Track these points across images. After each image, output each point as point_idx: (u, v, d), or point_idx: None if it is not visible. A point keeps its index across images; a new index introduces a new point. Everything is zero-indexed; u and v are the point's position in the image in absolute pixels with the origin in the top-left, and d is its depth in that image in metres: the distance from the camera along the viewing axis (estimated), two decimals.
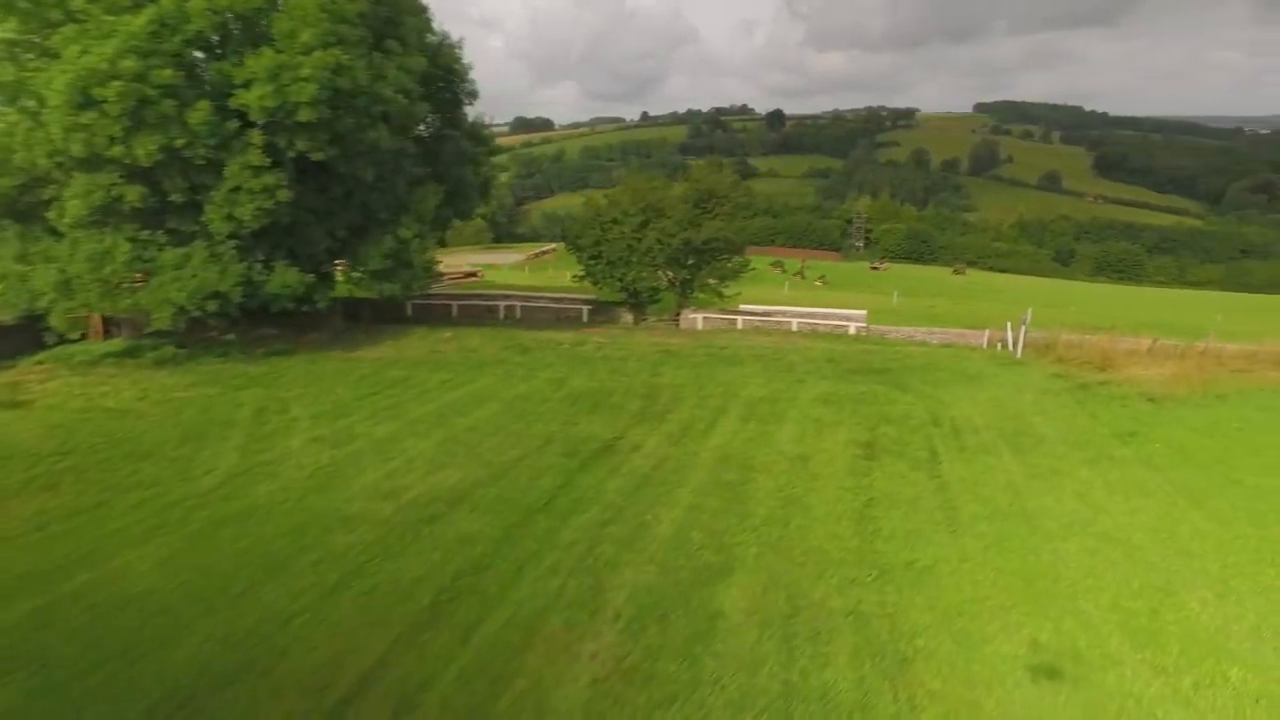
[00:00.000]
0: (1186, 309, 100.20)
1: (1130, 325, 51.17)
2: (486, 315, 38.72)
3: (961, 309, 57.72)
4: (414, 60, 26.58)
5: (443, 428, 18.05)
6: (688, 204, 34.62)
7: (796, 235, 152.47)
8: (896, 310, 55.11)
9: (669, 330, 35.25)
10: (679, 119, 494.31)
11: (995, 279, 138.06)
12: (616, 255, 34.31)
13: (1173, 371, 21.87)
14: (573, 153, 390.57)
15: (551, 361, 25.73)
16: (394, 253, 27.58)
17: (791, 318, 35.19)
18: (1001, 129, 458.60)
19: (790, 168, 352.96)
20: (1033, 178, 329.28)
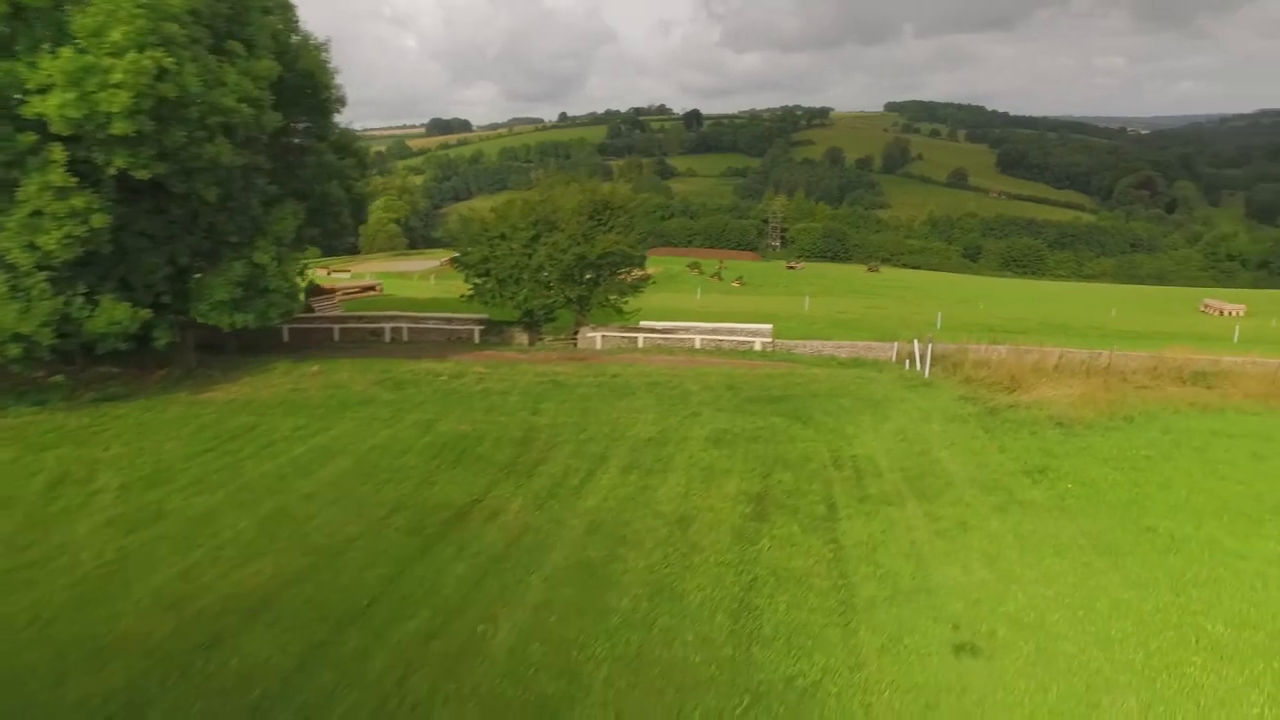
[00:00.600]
0: (1085, 303, 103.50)
1: (1035, 324, 51.62)
2: (371, 339, 35.77)
3: (873, 313, 57.27)
4: (263, 65, 23.61)
5: (275, 496, 15.45)
6: (582, 216, 32.49)
7: (714, 236, 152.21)
8: (808, 315, 54.26)
9: (565, 351, 33.07)
10: (598, 119, 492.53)
11: (908, 275, 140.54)
12: (505, 273, 31.95)
13: (1079, 392, 20.89)
14: (491, 154, 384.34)
15: (423, 399, 23.22)
16: (247, 280, 24.57)
17: (695, 334, 33.46)
18: (912, 127, 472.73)
19: (708, 166, 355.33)
20: (942, 175, 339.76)
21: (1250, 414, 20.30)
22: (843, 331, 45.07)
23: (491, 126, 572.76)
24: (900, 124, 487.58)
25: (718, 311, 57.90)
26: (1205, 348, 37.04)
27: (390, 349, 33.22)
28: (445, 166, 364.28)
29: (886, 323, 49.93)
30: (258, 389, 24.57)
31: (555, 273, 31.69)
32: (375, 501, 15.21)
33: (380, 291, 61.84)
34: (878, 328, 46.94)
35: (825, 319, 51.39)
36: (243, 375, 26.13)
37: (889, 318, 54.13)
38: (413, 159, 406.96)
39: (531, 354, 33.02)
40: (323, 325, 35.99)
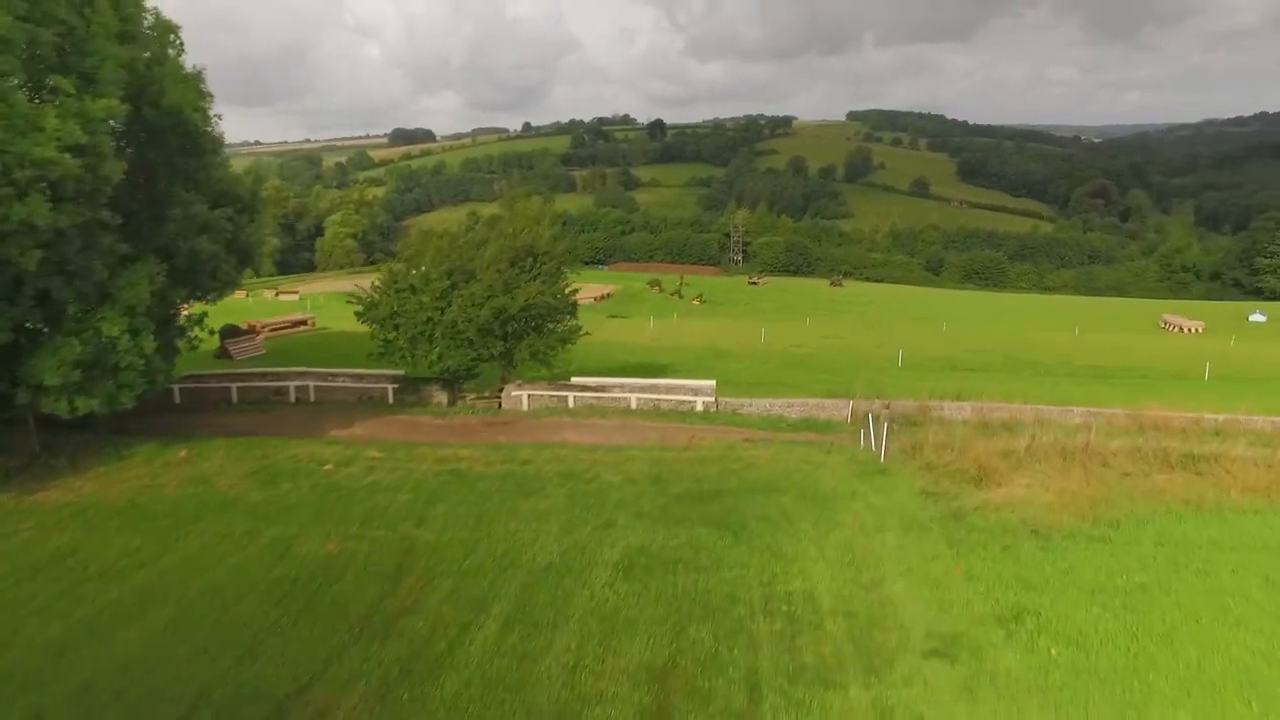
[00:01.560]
0: (1047, 318, 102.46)
1: (1000, 357, 49.29)
2: (274, 399, 32.05)
3: (831, 345, 54.59)
4: (101, 105, 19.97)
5: (32, 692, 11.84)
6: (502, 264, 29.15)
7: (675, 251, 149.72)
8: (764, 349, 51.39)
9: (486, 415, 29.71)
10: (562, 129, 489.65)
11: (870, 290, 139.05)
12: (416, 330, 28.48)
13: (1057, 490, 17.99)
14: (454, 165, 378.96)
15: (296, 501, 19.67)
16: (91, 358, 20.87)
17: (631, 392, 30.24)
18: (873, 136, 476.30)
19: (673, 177, 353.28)
20: (904, 183, 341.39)
21: (1251, 513, 17.56)
22: (798, 372, 42.36)
23: (455, 136, 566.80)
24: (862, 133, 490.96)
25: (669, 345, 54.91)
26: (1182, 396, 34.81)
27: (287, 416, 29.55)
28: (407, 178, 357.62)
29: (845, 360, 47.28)
30: (105, 486, 20.83)
31: (472, 329, 28.26)
32: (172, 694, 11.72)
33: (312, 326, 57.86)
34: (835, 366, 44.29)
35: (781, 355, 48.56)
36: (94, 465, 22.36)
37: (849, 350, 51.49)
38: (374, 170, 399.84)
39: (449, 419, 29.62)
40: (220, 384, 32.18)
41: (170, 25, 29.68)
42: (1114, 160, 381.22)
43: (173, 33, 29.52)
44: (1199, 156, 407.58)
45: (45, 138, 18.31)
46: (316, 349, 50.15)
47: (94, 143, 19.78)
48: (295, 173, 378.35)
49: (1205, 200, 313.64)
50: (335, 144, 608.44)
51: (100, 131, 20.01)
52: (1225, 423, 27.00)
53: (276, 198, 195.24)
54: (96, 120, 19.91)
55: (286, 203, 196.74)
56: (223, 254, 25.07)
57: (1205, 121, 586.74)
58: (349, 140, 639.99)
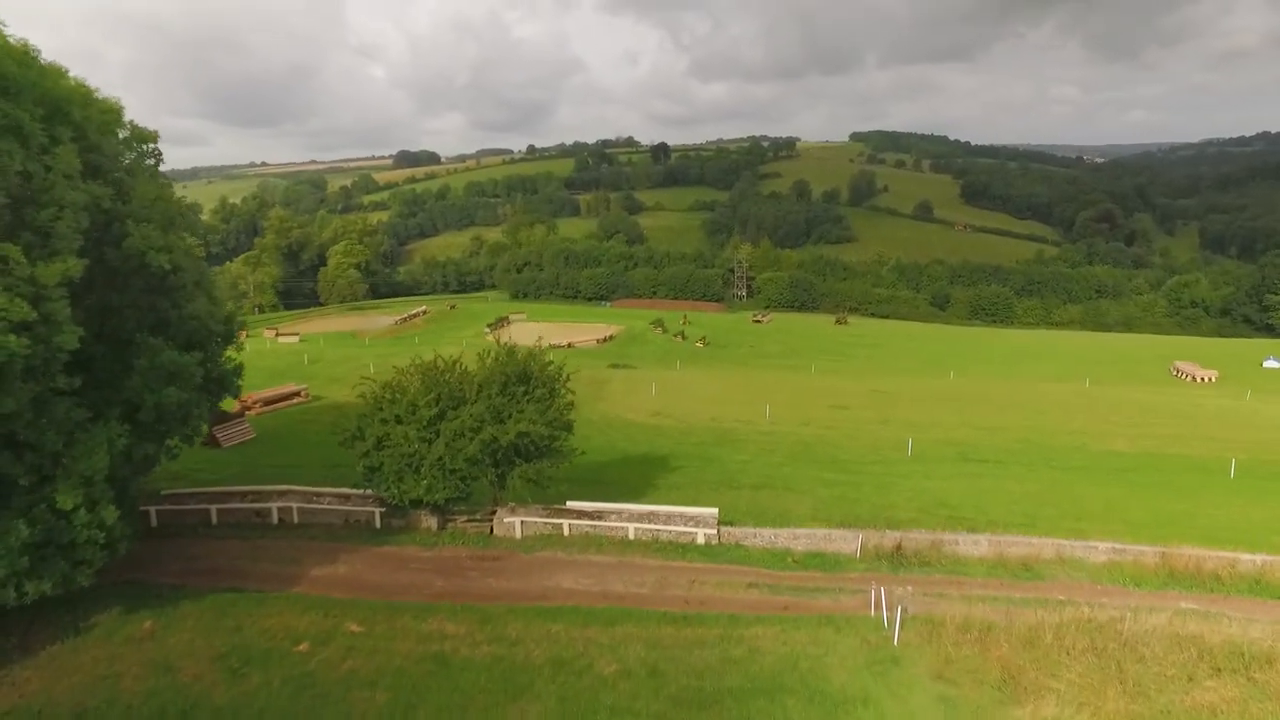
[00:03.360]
0: (1057, 363, 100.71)
1: (1015, 442, 47.40)
2: (255, 520, 30.51)
3: (843, 422, 52.81)
4: (54, 269, 18.54)
5: None
6: (492, 389, 27.68)
7: (679, 286, 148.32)
8: (770, 429, 49.72)
9: (475, 549, 28.07)
10: (566, 152, 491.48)
11: (876, 327, 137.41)
12: (402, 463, 26.94)
13: (1092, 711, 16.28)
14: (458, 188, 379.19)
15: (264, 704, 18.04)
16: (43, 537, 19.36)
17: (628, 521, 28.61)
18: (876, 158, 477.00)
19: (676, 200, 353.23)
20: (908, 206, 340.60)
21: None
22: (804, 466, 40.74)
23: (460, 158, 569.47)
24: (865, 154, 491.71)
25: (672, 418, 53.27)
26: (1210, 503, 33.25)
27: (267, 549, 28.02)
28: (411, 202, 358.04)
29: (852, 446, 45.63)
30: (55, 678, 19.21)
31: (460, 460, 26.74)
32: None
33: (306, 397, 56.37)
34: (842, 458, 42.64)
35: (787, 439, 46.87)
36: (47, 643, 20.72)
37: (857, 431, 49.76)
38: (379, 193, 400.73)
39: (437, 550, 28.08)
40: (198, 505, 30.67)
41: (146, 134, 28.48)
42: (1118, 181, 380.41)
43: (149, 141, 28.36)
44: (1202, 177, 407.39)
45: None
46: (308, 429, 48.70)
47: (47, 311, 18.39)
48: (300, 196, 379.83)
49: (1210, 223, 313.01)
50: (341, 165, 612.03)
51: (54, 298, 18.59)
52: (1263, 566, 25.37)
53: (280, 228, 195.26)
54: (50, 287, 18.51)
55: (290, 233, 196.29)
56: (195, 399, 23.60)
57: (1207, 141, 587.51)
58: (354, 161, 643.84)
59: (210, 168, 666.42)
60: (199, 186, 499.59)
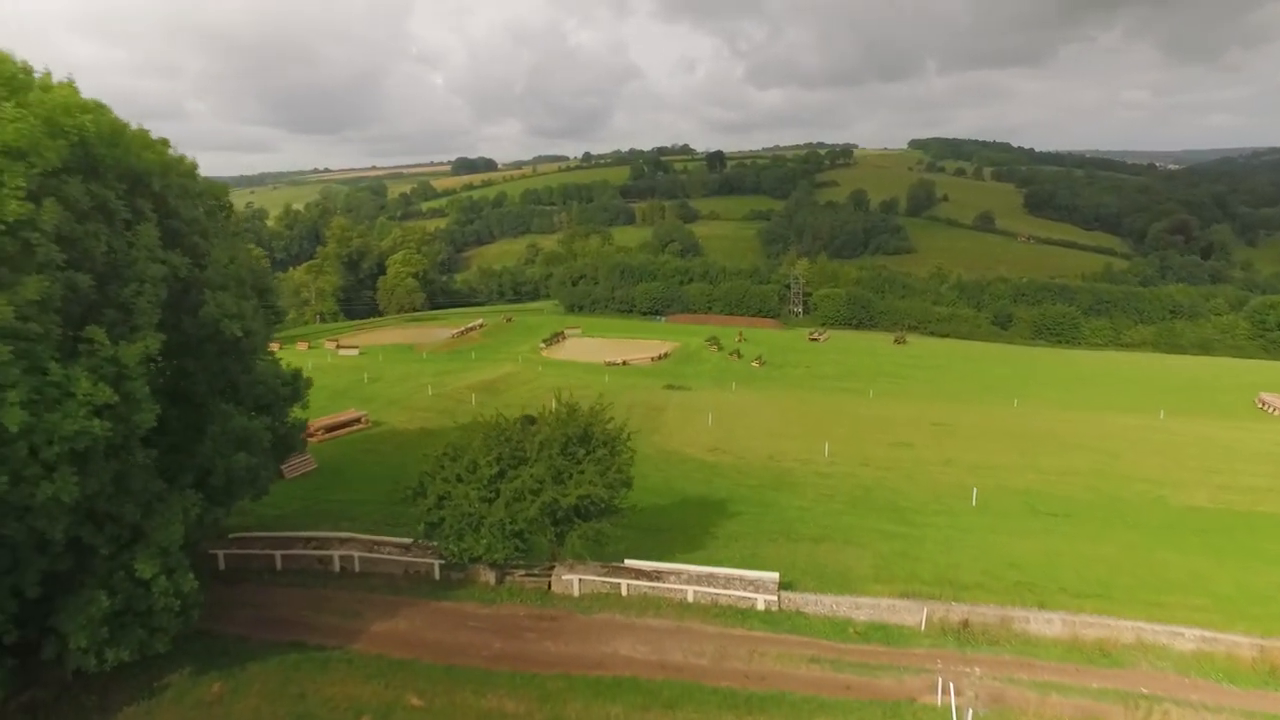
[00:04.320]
0: (1128, 392, 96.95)
1: (1083, 488, 45.56)
2: (318, 567, 31.01)
3: (902, 461, 51.54)
4: (136, 348, 19.07)
5: None
6: (553, 449, 27.61)
7: (734, 302, 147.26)
8: (827, 469, 48.80)
9: (533, 608, 28.05)
10: (621, 159, 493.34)
11: (935, 347, 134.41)
12: (461, 524, 27.05)
13: None
14: (514, 196, 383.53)
15: None
16: (122, 605, 19.92)
17: (687, 584, 28.23)
18: (936, 166, 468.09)
19: (731, 209, 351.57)
20: (968, 217, 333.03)
21: None
22: (864, 515, 39.84)
23: (516, 164, 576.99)
24: (925, 162, 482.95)
25: (729, 454, 52.69)
26: None
27: (329, 599, 28.48)
28: (469, 210, 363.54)
29: (913, 490, 44.46)
30: None
31: (521, 521, 26.75)
32: None
33: (366, 424, 57.32)
34: (903, 505, 41.56)
35: (846, 482, 45.92)
36: (124, 703, 21.34)
37: (918, 473, 48.45)
38: (437, 200, 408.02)
39: (496, 608, 28.20)
40: (263, 550, 31.31)
41: (218, 188, 29.26)
42: (1194, 189, 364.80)
43: (221, 196, 29.15)
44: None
45: (75, 405, 17.42)
46: (368, 460, 49.50)
47: (127, 390, 18.89)
48: (361, 202, 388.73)
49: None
50: (400, 171, 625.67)
51: (134, 376, 19.08)
52: None
53: (341, 237, 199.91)
54: (131, 366, 19.01)
55: (350, 242, 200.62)
56: (263, 462, 24.08)
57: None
58: (413, 167, 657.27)
59: (277, 173, 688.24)
60: (266, 192, 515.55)
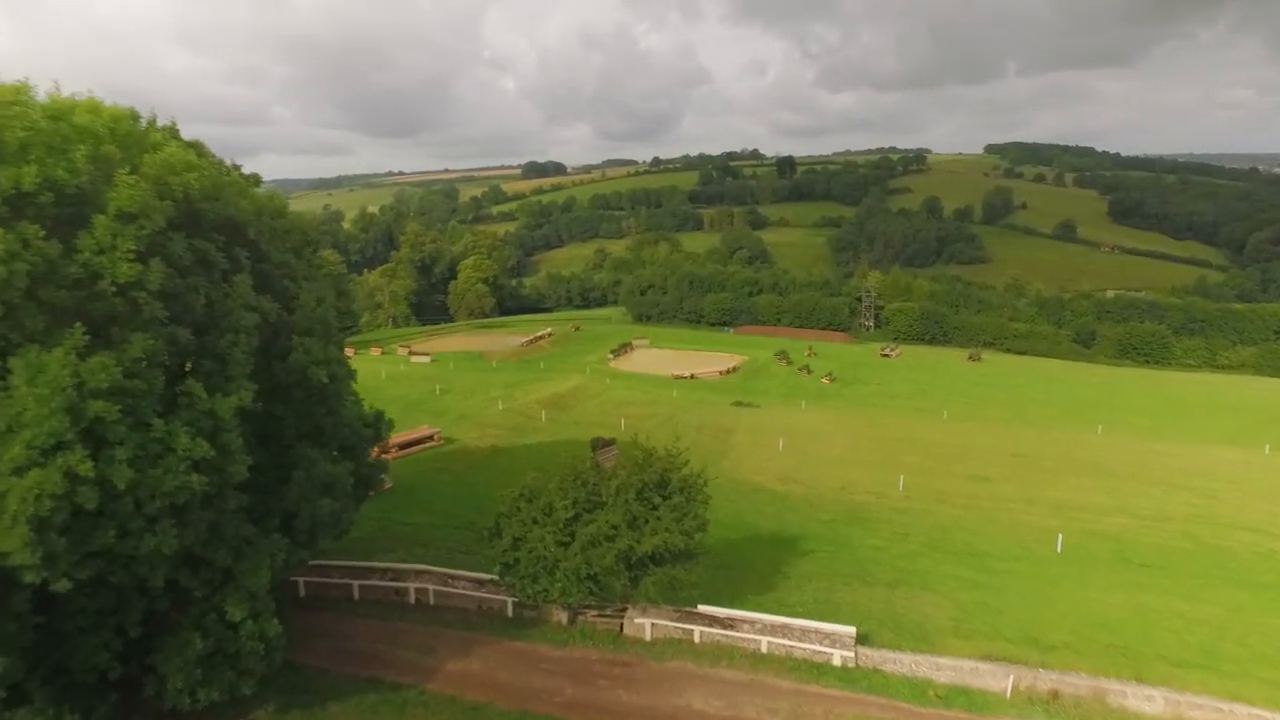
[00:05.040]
0: (1224, 418, 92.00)
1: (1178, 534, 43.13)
2: (394, 598, 31.56)
3: (980, 497, 49.79)
4: (230, 401, 19.61)
5: None
6: (628, 494, 27.43)
7: (804, 314, 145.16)
8: (902, 504, 47.44)
9: (605, 653, 27.91)
10: (690, 164, 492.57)
11: (1013, 365, 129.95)
12: (537, 567, 27.09)
13: None
14: (583, 200, 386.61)
15: None
16: (214, 647, 20.51)
17: (761, 634, 27.71)
18: (1014, 172, 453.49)
19: (801, 216, 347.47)
20: (1048, 225, 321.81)
21: None
22: (941, 559, 38.59)
23: (585, 168, 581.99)
24: (1001, 167, 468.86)
25: (800, 483, 51.78)
26: None
27: (405, 633, 28.95)
28: (538, 214, 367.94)
29: (993, 532, 42.84)
30: None
31: (597, 567, 26.64)
32: None
33: (439, 441, 58.24)
34: (982, 549, 40.11)
35: (921, 519, 44.58)
36: None
37: (997, 511, 46.65)
38: (507, 204, 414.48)
39: (568, 649, 28.22)
40: (341, 580, 32.00)
41: (306, 223, 30.02)
42: None
43: (309, 232, 29.90)
44: None
45: (176, 460, 17.96)
46: (441, 480, 50.26)
47: (222, 443, 19.41)
48: (433, 205, 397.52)
49: None
50: (471, 174, 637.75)
51: (229, 429, 19.61)
52: None
53: (415, 242, 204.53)
54: (226, 419, 19.53)
55: (424, 247, 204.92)
56: (346, 505, 24.55)
57: None
58: (484, 170, 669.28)
59: (353, 176, 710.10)
60: (342, 194, 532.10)
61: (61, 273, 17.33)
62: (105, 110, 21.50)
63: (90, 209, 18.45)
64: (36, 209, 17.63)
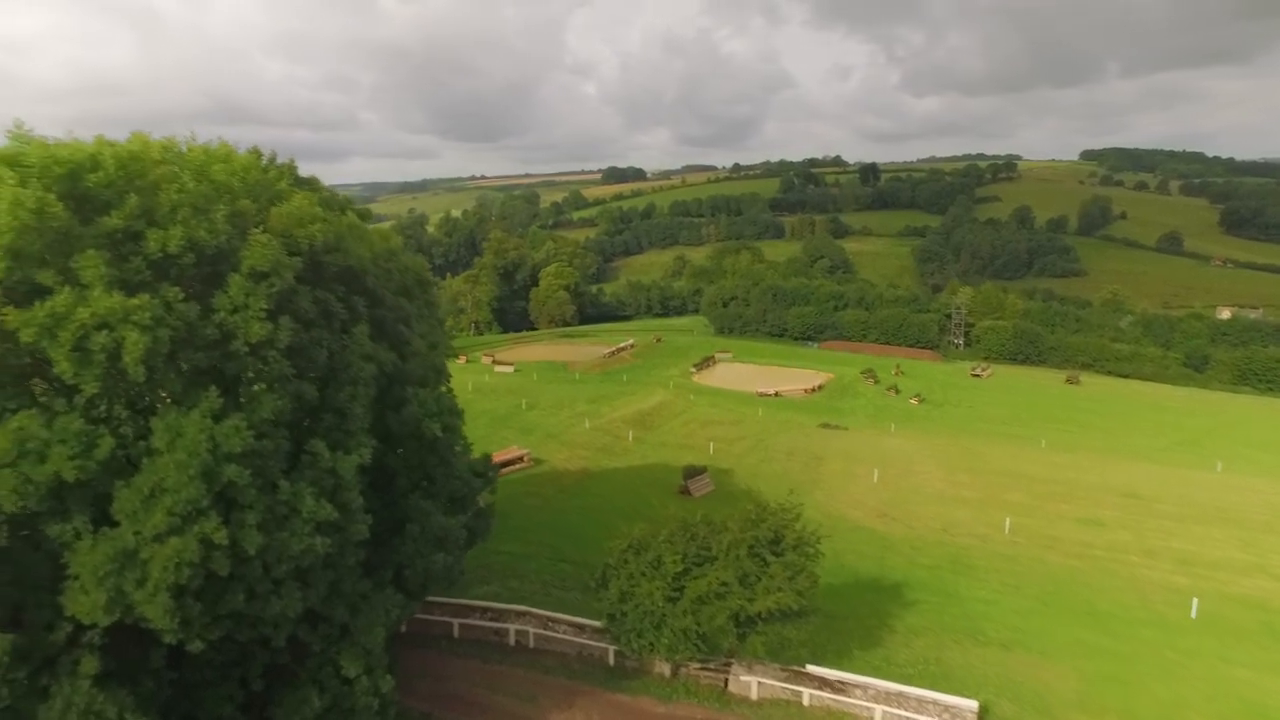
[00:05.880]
0: None
1: None
2: (493, 639, 31.35)
3: (1089, 548, 46.77)
4: (352, 460, 19.45)
5: None
6: (740, 550, 26.39)
7: (890, 331, 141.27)
8: (1008, 549, 44.94)
9: (709, 706, 26.96)
10: (771, 170, 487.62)
11: (1114, 389, 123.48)
12: (644, 623, 26.34)
13: None
14: (663, 207, 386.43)
15: None
16: (329, 703, 20.44)
17: (875, 702, 26.33)
18: (1112, 179, 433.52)
19: (885, 224, 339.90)
20: (1150, 237, 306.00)
21: None
22: (1057, 619, 36.23)
23: (664, 174, 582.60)
24: (1098, 175, 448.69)
25: (896, 521, 49.76)
26: None
27: (505, 677, 28.64)
28: (618, 220, 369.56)
29: (1113, 587, 40.05)
30: None
31: (707, 627, 25.72)
32: None
33: (528, 463, 58.26)
34: (1102, 610, 37.48)
35: (1031, 566, 42.11)
36: None
37: (1115, 562, 43.71)
38: (587, 209, 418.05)
39: (671, 706, 27.35)
40: (442, 618, 31.96)
41: (417, 264, 30.00)
42: None
43: (420, 272, 29.89)
44: None
45: (301, 523, 17.86)
46: (531, 505, 50.04)
47: (343, 502, 19.28)
48: (515, 210, 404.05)
49: None
50: (552, 179, 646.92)
51: (350, 487, 19.47)
52: None
53: (498, 248, 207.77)
54: (348, 478, 19.39)
55: (507, 254, 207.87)
56: (459, 558, 24.30)
57: None
58: (564, 175, 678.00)
59: (437, 180, 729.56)
60: (426, 198, 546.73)
61: (199, 334, 17.41)
62: (236, 159, 21.77)
63: (225, 267, 18.57)
64: (179, 270, 17.81)
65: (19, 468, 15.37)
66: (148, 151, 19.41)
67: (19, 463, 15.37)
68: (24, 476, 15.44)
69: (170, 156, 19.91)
